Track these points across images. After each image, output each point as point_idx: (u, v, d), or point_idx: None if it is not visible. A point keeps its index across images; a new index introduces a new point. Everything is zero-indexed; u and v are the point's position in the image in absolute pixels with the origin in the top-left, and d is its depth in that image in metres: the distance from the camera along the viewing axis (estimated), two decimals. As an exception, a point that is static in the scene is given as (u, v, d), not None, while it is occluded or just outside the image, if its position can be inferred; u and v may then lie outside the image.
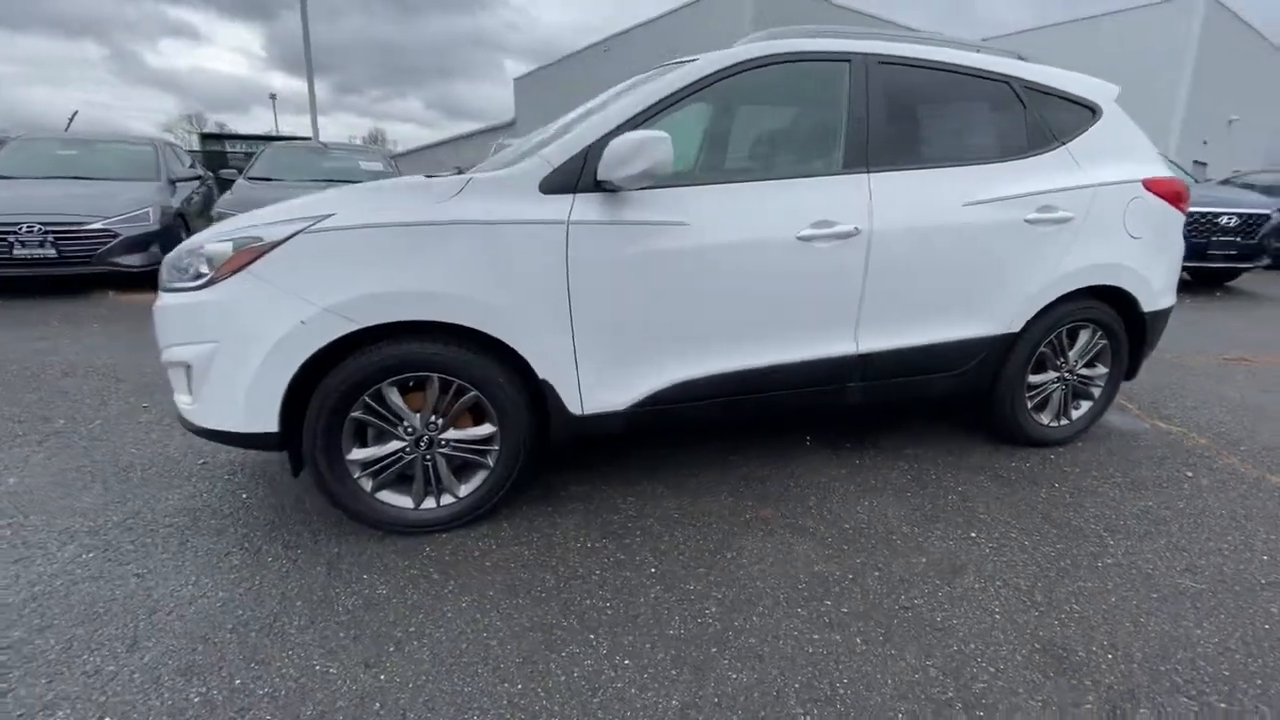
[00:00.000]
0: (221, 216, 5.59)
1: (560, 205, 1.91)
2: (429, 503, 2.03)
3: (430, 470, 2.01)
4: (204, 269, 1.80)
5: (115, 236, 5.34)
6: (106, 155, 6.31)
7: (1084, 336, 2.67)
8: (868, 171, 2.21)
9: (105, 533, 2.02)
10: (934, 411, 3.12)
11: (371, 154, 7.36)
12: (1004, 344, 2.49)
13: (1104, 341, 2.70)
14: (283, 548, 1.97)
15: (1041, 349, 2.59)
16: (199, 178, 7.15)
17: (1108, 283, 2.56)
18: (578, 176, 1.92)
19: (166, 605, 1.70)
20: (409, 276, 1.80)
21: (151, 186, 5.99)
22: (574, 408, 2.04)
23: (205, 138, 12.97)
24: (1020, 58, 2.56)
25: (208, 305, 1.77)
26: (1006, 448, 2.75)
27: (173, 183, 6.38)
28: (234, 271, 1.75)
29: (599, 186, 1.92)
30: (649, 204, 1.97)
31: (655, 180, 1.83)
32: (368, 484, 1.97)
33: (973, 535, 2.11)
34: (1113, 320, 2.66)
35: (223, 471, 2.44)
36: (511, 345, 1.91)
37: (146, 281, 5.83)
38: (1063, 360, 2.67)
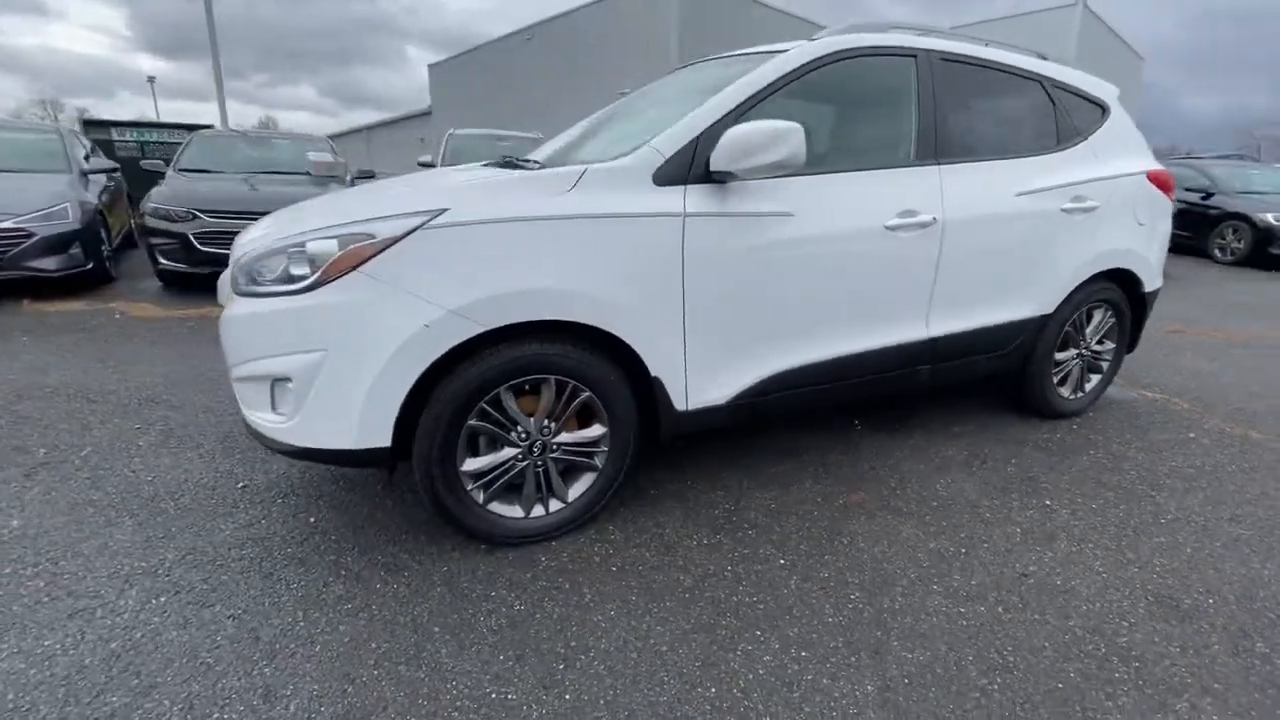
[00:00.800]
0: (157, 212, 5.01)
1: (674, 197, 1.86)
2: (537, 510, 1.93)
3: (541, 476, 1.91)
4: (302, 270, 1.61)
5: (30, 237, 4.64)
6: (4, 144, 5.47)
7: (1097, 316, 2.92)
8: (937, 163, 2.31)
9: (166, 573, 1.78)
10: (956, 392, 3.31)
11: (318, 143, 6.80)
12: (1041, 324, 2.68)
13: (1113, 319, 2.97)
14: (385, 571, 1.81)
15: (1066, 328, 2.81)
16: (111, 169, 6.35)
17: (1121, 266, 2.81)
18: (688, 167, 1.87)
19: (285, 647, 1.53)
20: (533, 274, 1.70)
21: (64, 179, 5.25)
22: (680, 404, 2.00)
23: (88, 125, 11.47)
24: (1042, 57, 2.75)
25: (314, 310, 1.58)
26: (1034, 421, 2.96)
27: (85, 175, 5.63)
28: (344, 272, 1.58)
29: (708, 178, 1.89)
30: (754, 195, 1.96)
31: (786, 171, 1.82)
32: (479, 496, 1.85)
33: (1047, 504, 2.26)
34: (1120, 300, 2.93)
35: (272, 495, 2.20)
36: (628, 342, 1.85)
37: (66, 288, 5.15)
38: (1081, 338, 2.91)
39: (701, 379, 2.02)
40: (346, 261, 1.58)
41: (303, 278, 1.61)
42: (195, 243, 4.96)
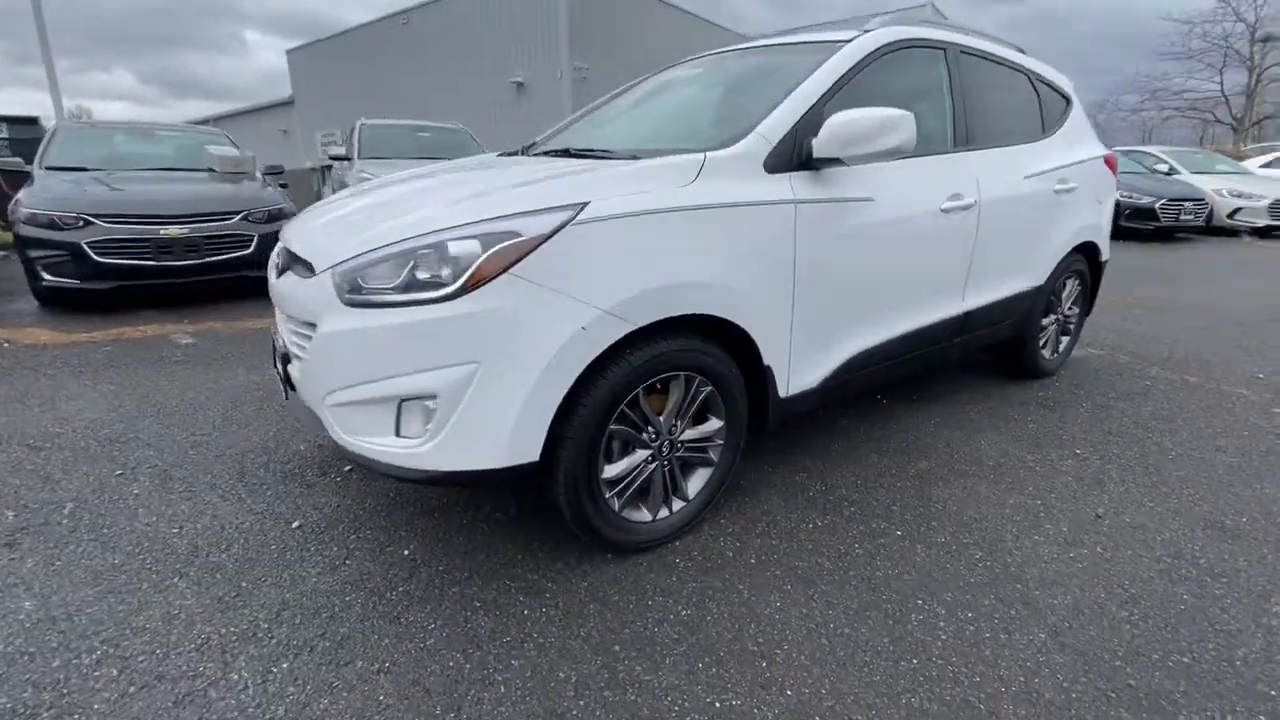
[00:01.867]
0: (36, 219, 4.20)
1: (783, 184, 1.86)
2: (662, 511, 1.87)
3: (666, 476, 1.85)
4: (440, 275, 1.43)
5: None
6: None
7: (1069, 284, 3.29)
8: (968, 149, 2.48)
9: (268, 635, 1.53)
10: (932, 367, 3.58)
11: (215, 137, 5.97)
12: (1036, 294, 2.98)
13: (1079, 287, 3.36)
14: (524, 596, 1.68)
15: (1050, 296, 3.15)
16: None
17: (1089, 239, 3.19)
18: (791, 155, 1.88)
19: (466, 694, 1.38)
20: (676, 267, 1.63)
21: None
22: (783, 390, 2.02)
23: None
24: (1021, 51, 3.04)
25: (463, 320, 1.41)
26: (1023, 383, 3.29)
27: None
28: (493, 276, 1.43)
29: (805, 165, 1.91)
30: (842, 181, 2.00)
31: (896, 157, 1.87)
32: (615, 503, 1.76)
33: (1077, 452, 2.54)
34: (1085, 269, 3.32)
35: (340, 532, 1.95)
36: (750, 333, 1.83)
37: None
38: (1059, 304, 3.27)
39: (800, 365, 2.04)
40: (495, 263, 1.43)
41: (441, 283, 1.43)
42: (91, 254, 4.21)
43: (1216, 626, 1.60)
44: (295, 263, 1.80)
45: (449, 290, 1.41)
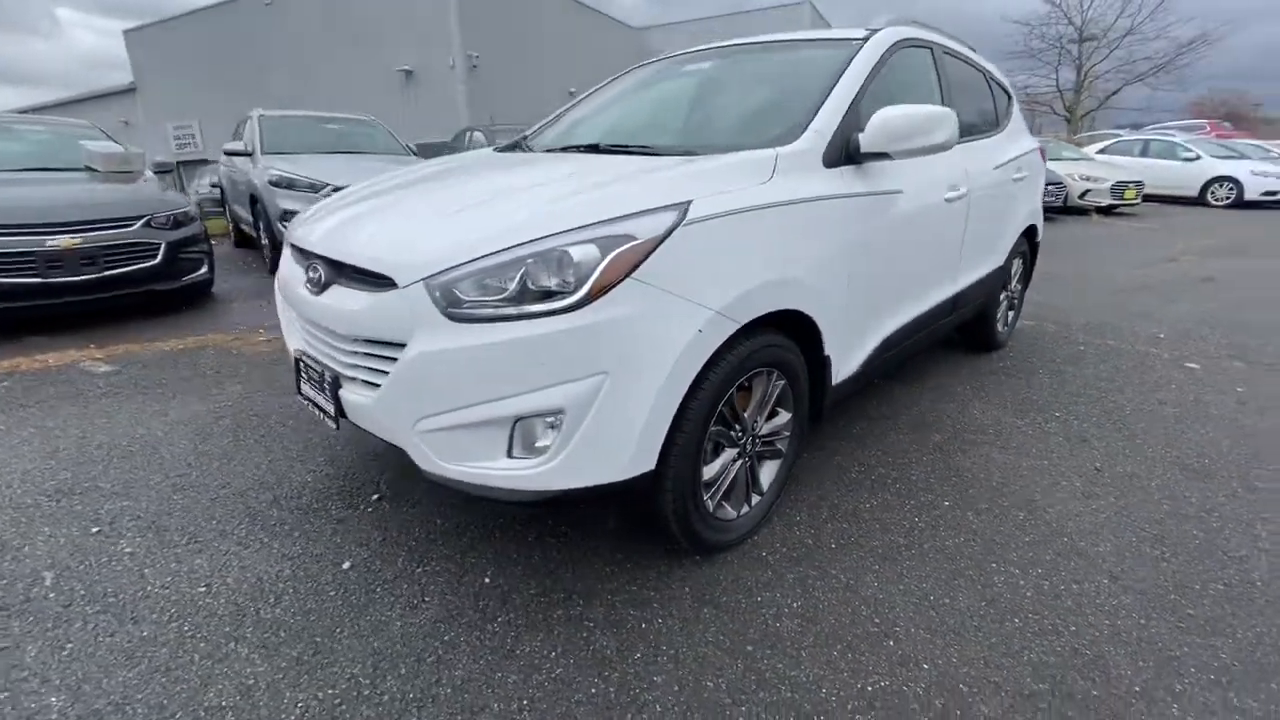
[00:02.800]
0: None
1: (840, 179, 1.91)
2: (744, 508, 1.88)
3: (748, 472, 1.86)
4: (564, 282, 1.34)
5: None
6: None
7: (1015, 263, 3.64)
8: (958, 142, 2.67)
9: (374, 693, 1.38)
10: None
11: (89, 130, 5.10)
12: (1000, 273, 3.28)
13: (1023, 265, 3.73)
14: (633, 609, 1.63)
15: (1006, 275, 3.47)
16: None
17: (1033, 222, 3.55)
18: (841, 150, 1.94)
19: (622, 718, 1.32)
20: (768, 264, 1.64)
21: None
22: (835, 379, 2.09)
23: None
24: (972, 50, 3.30)
25: (591, 330, 1.33)
26: (980, 356, 3.61)
27: None
28: (616, 281, 1.35)
29: (850, 159, 1.98)
30: (878, 175, 2.09)
31: (939, 152, 1.97)
32: (710, 505, 1.74)
33: (1057, 415, 2.83)
34: (1028, 249, 3.70)
35: (404, 567, 1.78)
36: (819, 325, 1.88)
37: None
38: (1009, 281, 3.61)
39: (846, 353, 2.12)
40: (617, 269, 1.36)
41: (562, 292, 1.34)
42: (-42, 272, 3.50)
43: (1229, 555, 1.86)
44: (342, 274, 1.61)
45: (574, 299, 1.33)
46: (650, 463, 1.48)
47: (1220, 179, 12.61)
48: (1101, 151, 13.83)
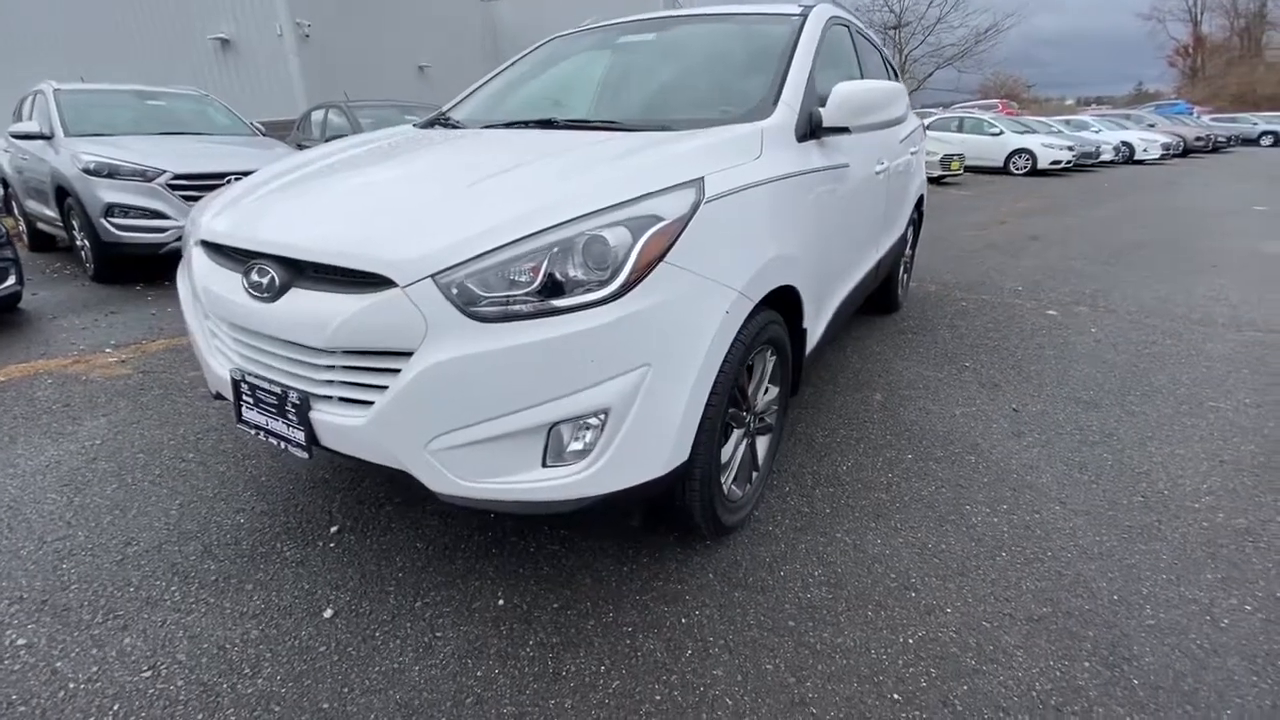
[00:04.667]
0: None
1: (808, 153, 1.93)
2: (747, 486, 1.89)
3: (749, 449, 1.86)
4: (598, 270, 1.22)
5: None
6: None
7: (910, 232, 3.98)
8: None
9: None
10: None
11: None
12: (902, 240, 3.56)
13: (914, 233, 4.09)
14: (665, 605, 1.58)
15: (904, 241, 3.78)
16: None
17: (922, 193, 3.88)
18: (807, 124, 1.96)
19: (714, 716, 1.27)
20: (771, 240, 1.62)
21: None
22: (808, 351, 2.15)
23: None
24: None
25: (633, 320, 1.23)
26: (883, 317, 3.93)
27: None
28: (651, 266, 1.26)
29: (812, 134, 2.02)
30: (832, 149, 2.15)
31: (891, 125, 2.05)
32: (726, 488, 1.71)
33: (967, 365, 3.15)
34: (916, 217, 4.05)
35: (395, 603, 1.57)
36: (804, 300, 1.91)
37: None
38: (905, 248, 3.94)
39: (815, 324, 2.18)
40: (651, 253, 1.26)
41: (598, 282, 1.22)
42: None
43: (1137, 472, 2.19)
44: (303, 274, 1.36)
45: (613, 288, 1.22)
46: (686, 453, 1.43)
47: (1019, 151, 14.71)
48: (927, 129, 15.53)
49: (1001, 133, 15.01)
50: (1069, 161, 14.67)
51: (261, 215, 1.53)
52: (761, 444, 1.99)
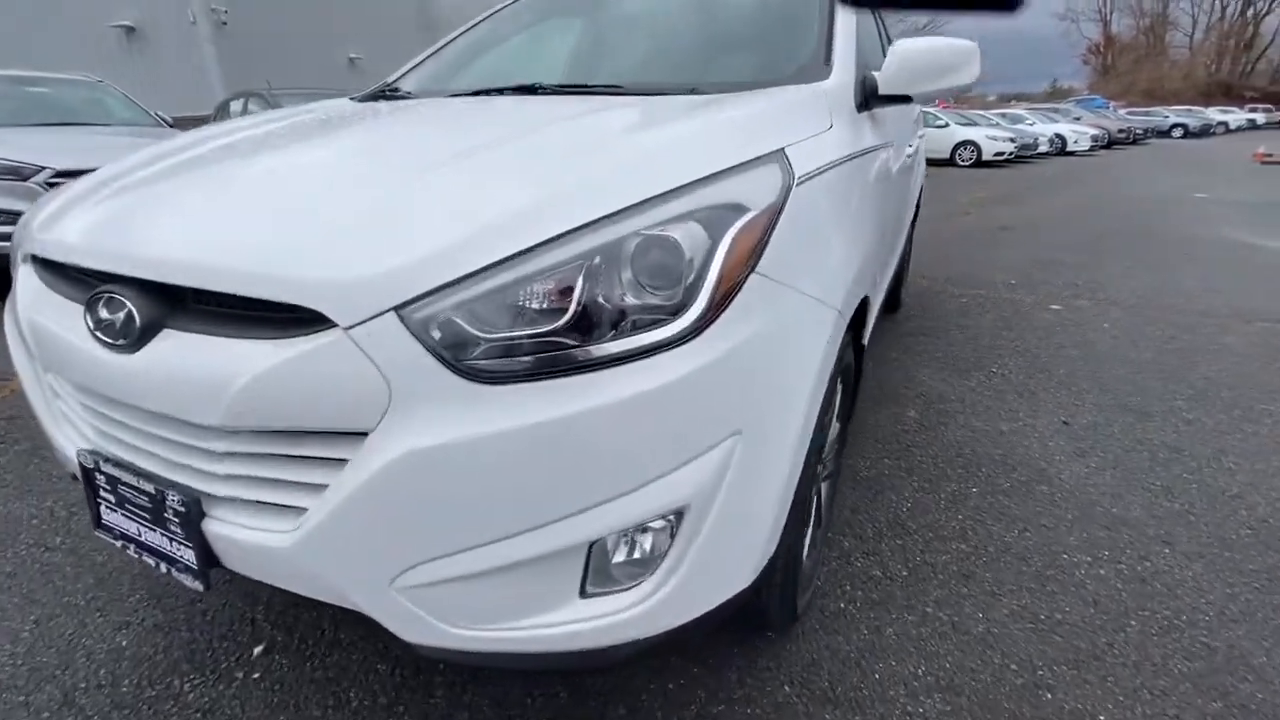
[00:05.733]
0: None
1: (866, 126, 1.54)
2: (813, 551, 1.47)
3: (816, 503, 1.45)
4: (667, 287, 0.77)
5: None
6: None
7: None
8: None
9: None
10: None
11: None
12: (912, 229, 3.24)
13: (912, 227, 3.79)
14: (745, 671, 1.14)
15: (905, 235, 3.47)
16: None
17: (923, 182, 3.58)
18: (862, 91, 1.56)
19: None
20: (855, 240, 1.21)
21: None
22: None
23: None
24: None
25: (723, 366, 0.79)
26: (895, 316, 3.61)
27: None
28: (740, 281, 0.82)
29: (865, 104, 1.62)
30: (883, 123, 1.76)
31: (963, 93, 1.67)
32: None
33: (993, 370, 2.84)
34: (916, 210, 3.75)
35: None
36: (871, 302, 1.51)
37: None
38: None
39: (865, 334, 1.80)
40: (739, 258, 0.83)
41: (668, 308, 0.77)
42: None
43: (1228, 495, 1.90)
44: (182, 308, 0.86)
45: (691, 319, 0.77)
46: (776, 543, 1.00)
47: (964, 143, 14.94)
48: (876, 121, 15.62)
49: (947, 125, 15.23)
50: (1011, 153, 15.02)
51: (120, 218, 1.01)
52: (823, 491, 1.59)
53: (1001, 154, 14.74)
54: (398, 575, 0.79)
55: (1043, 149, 17.25)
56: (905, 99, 1.62)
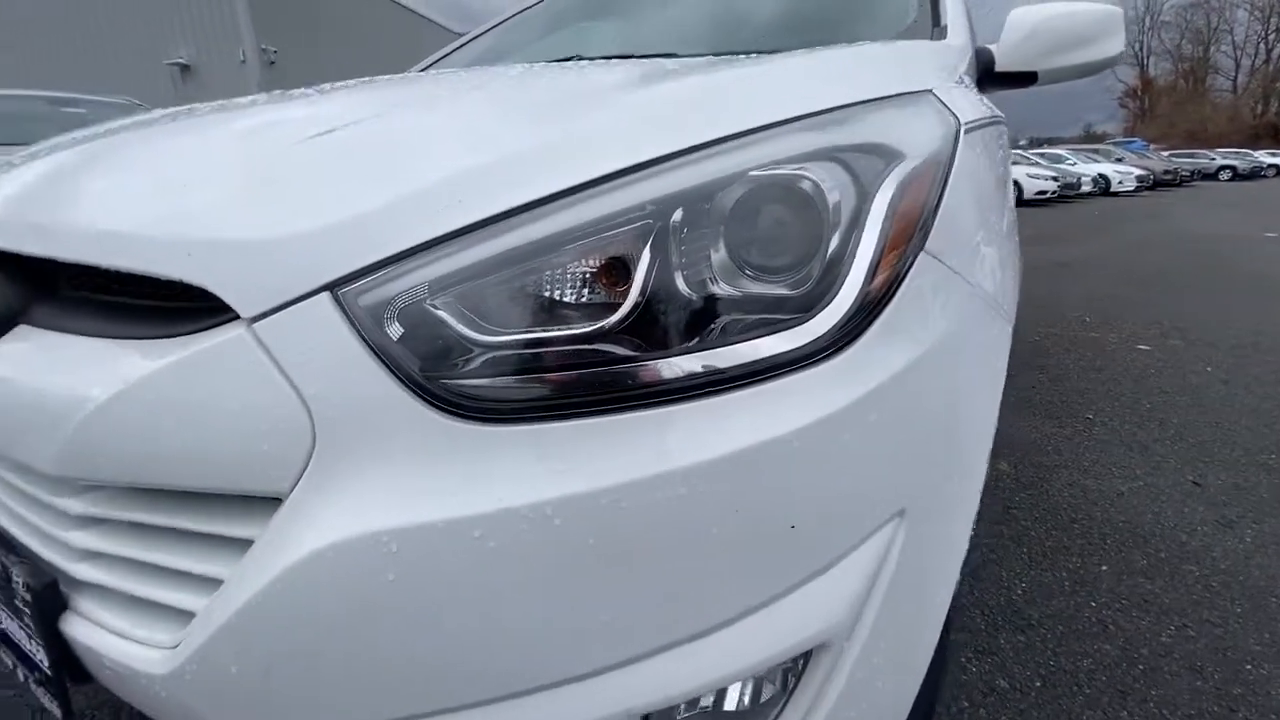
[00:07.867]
0: None
1: (983, 101, 1.23)
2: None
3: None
4: (793, 268, 0.46)
5: None
6: None
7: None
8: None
9: None
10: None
11: None
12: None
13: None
14: None
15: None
16: None
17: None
18: (976, 63, 1.26)
19: None
20: (1010, 229, 0.89)
21: None
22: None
23: None
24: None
25: (891, 398, 0.46)
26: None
27: None
28: (904, 261, 0.50)
29: (981, 84, 1.31)
30: (992, 105, 1.46)
31: (1100, 70, 1.36)
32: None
33: (1089, 417, 2.44)
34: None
35: None
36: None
37: None
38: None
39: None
40: (904, 227, 0.51)
41: (793, 298, 0.46)
42: None
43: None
44: (51, 298, 0.57)
45: (837, 319, 0.46)
46: (924, 673, 0.65)
47: (1004, 182, 14.58)
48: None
49: (986, 164, 14.91)
50: (1054, 192, 14.59)
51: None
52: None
53: (1044, 193, 14.32)
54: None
55: (1086, 189, 16.77)
56: (1027, 79, 1.32)
